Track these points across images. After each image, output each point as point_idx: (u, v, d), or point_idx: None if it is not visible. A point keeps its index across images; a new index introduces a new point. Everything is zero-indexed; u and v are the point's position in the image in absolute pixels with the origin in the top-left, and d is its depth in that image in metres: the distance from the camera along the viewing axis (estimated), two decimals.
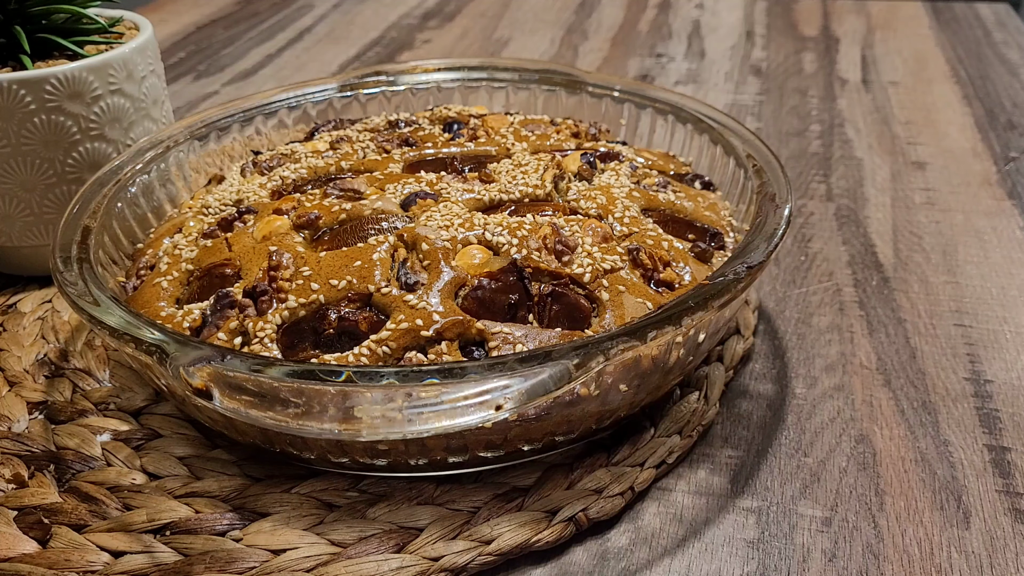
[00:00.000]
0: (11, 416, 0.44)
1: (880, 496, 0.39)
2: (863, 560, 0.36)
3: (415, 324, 0.37)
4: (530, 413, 0.36)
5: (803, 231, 0.60)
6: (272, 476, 0.40)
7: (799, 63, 0.90)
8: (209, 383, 0.33)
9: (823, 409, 0.44)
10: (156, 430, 0.43)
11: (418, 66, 0.61)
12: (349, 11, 1.10)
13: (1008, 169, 0.67)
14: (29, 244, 0.53)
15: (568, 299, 0.39)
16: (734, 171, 0.49)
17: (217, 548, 0.36)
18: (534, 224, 0.42)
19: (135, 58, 0.52)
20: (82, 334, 0.49)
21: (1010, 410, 0.43)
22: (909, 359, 0.47)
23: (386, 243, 0.41)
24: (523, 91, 0.60)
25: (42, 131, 0.50)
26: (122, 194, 0.48)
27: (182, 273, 0.43)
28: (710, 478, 0.40)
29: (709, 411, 0.43)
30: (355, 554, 0.36)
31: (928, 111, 0.78)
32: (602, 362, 0.33)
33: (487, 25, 1.03)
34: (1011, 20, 1.00)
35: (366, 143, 0.52)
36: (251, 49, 0.97)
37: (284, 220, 0.44)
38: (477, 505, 0.38)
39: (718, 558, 0.36)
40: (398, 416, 0.33)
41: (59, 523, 0.38)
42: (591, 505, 0.37)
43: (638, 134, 0.57)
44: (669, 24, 1.03)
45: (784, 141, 0.73)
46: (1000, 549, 0.36)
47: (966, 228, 0.59)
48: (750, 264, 0.38)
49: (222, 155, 0.56)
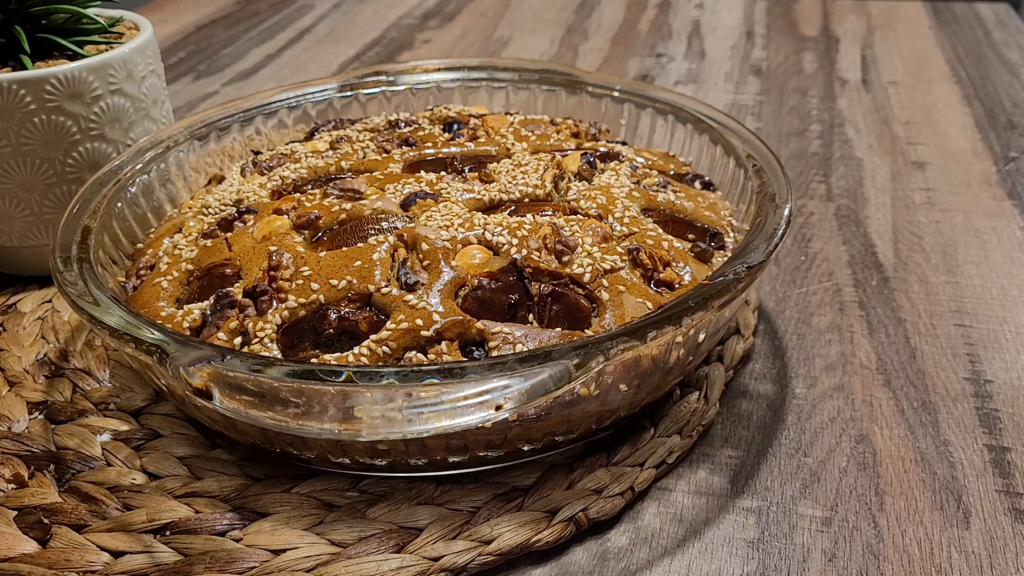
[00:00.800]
0: (11, 416, 0.44)
1: (880, 496, 0.39)
2: (863, 560, 0.36)
3: (415, 324, 0.37)
4: (530, 413, 0.36)
5: (803, 231, 0.60)
6: (272, 476, 0.40)
7: (799, 63, 0.90)
8: (209, 383, 0.33)
9: (823, 409, 0.44)
10: (156, 430, 0.43)
11: (418, 66, 0.61)
12: (349, 11, 1.10)
13: (1008, 169, 0.67)
14: (29, 244, 0.53)
15: (568, 299, 0.39)
16: (734, 171, 0.49)
17: (217, 548, 0.36)
18: (534, 224, 0.42)
19: (135, 58, 0.52)
20: (82, 334, 0.49)
21: (1010, 410, 0.43)
22: (909, 359, 0.47)
23: (386, 243, 0.41)
24: (523, 91, 0.60)
25: (42, 131, 0.50)
26: (122, 194, 0.48)
27: (182, 273, 0.43)
28: (710, 478, 0.40)
29: (709, 411, 0.43)
30: (355, 554, 0.36)
31: (928, 111, 0.78)
32: (602, 362, 0.33)
33: (487, 25, 1.03)
34: (1011, 20, 1.00)
35: (366, 143, 0.52)
36: (251, 49, 0.97)
37: (284, 220, 0.44)
38: (477, 505, 0.38)
39: (718, 558, 0.36)
40: (398, 416, 0.33)
41: (59, 523, 0.38)
42: (591, 505, 0.37)
43: (638, 134, 0.57)
44: (669, 24, 1.03)
45: (784, 141, 0.73)
46: (1000, 549, 0.36)
47: (966, 228, 0.59)
48: (750, 264, 0.38)
49: (222, 155, 0.56)
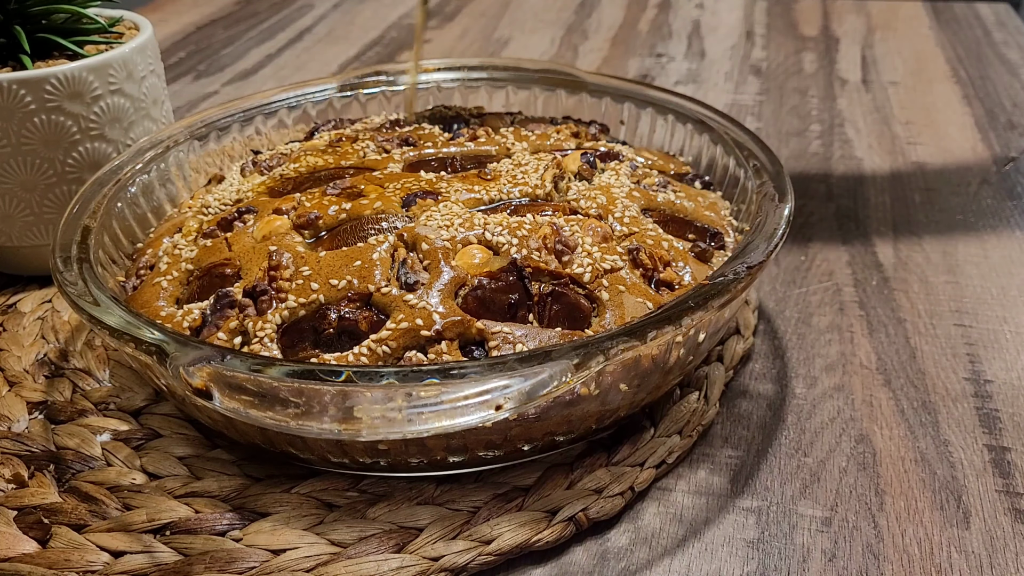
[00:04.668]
0: (11, 416, 0.44)
1: (880, 496, 0.39)
2: (863, 560, 0.36)
3: (415, 324, 0.37)
4: (530, 413, 0.36)
5: (803, 231, 0.60)
6: (272, 476, 0.40)
7: (799, 63, 0.90)
8: (209, 383, 0.33)
9: (823, 409, 0.44)
10: (156, 430, 0.43)
11: (418, 66, 0.61)
12: (349, 11, 1.10)
13: (1008, 169, 0.67)
14: (29, 244, 0.53)
15: (568, 299, 0.39)
16: (734, 171, 0.49)
17: (217, 548, 0.36)
18: (534, 224, 0.42)
19: (135, 58, 0.52)
20: (82, 334, 0.49)
21: (1010, 410, 0.43)
22: (909, 359, 0.47)
23: (386, 243, 0.41)
24: (523, 91, 0.60)
25: (42, 131, 0.50)
26: (122, 194, 0.48)
27: (182, 273, 0.43)
28: (710, 478, 0.40)
29: (709, 411, 0.43)
30: (355, 554, 0.36)
31: (928, 111, 0.78)
32: (602, 362, 0.33)
33: (487, 25, 1.03)
34: (1011, 20, 1.00)
35: (366, 143, 0.52)
36: (251, 49, 0.97)
37: (284, 220, 0.44)
38: (477, 505, 0.38)
39: (718, 558, 0.36)
40: (398, 416, 0.33)
41: (59, 523, 0.38)
42: (591, 505, 0.37)
43: (638, 134, 0.57)
44: (669, 24, 1.03)
45: (784, 141, 0.73)
46: (1000, 549, 0.36)
47: (966, 228, 0.59)
48: (750, 264, 0.38)
49: (222, 155, 0.56)
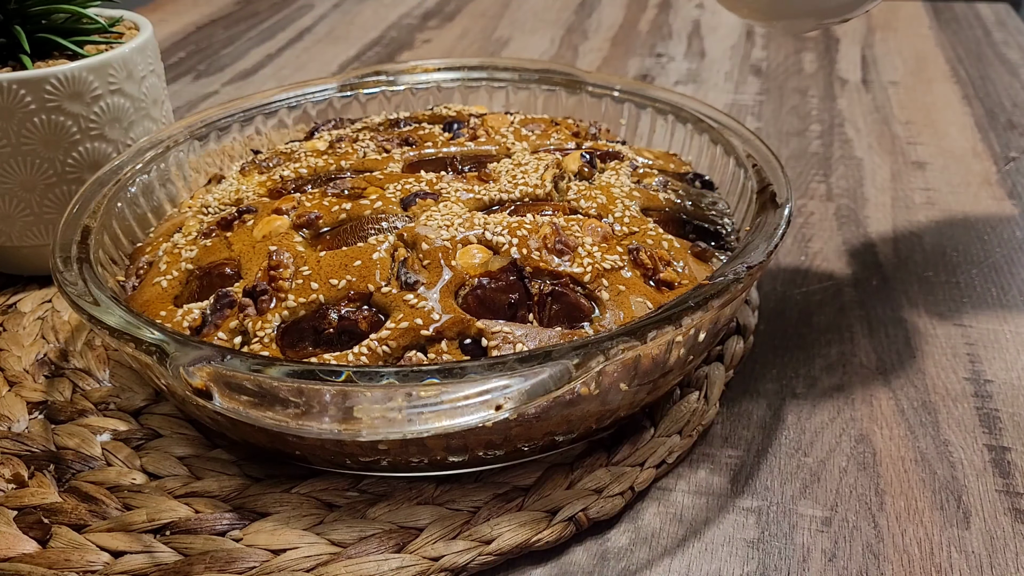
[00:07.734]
0: (11, 416, 0.44)
1: (880, 496, 0.39)
2: (863, 560, 0.36)
3: (415, 323, 0.37)
4: (530, 413, 0.36)
5: (803, 231, 0.60)
6: (272, 476, 0.40)
7: (799, 63, 0.90)
8: (209, 383, 0.33)
9: (823, 409, 0.44)
10: (156, 430, 0.43)
11: (418, 66, 0.61)
12: (349, 11, 1.10)
13: (1008, 169, 0.67)
14: (29, 244, 0.53)
15: (568, 299, 0.39)
16: (734, 171, 0.49)
17: (217, 548, 0.36)
18: (534, 224, 0.42)
19: (135, 58, 0.52)
20: (82, 334, 0.49)
21: (1010, 410, 0.43)
22: (909, 359, 0.47)
23: (386, 243, 0.41)
24: (523, 91, 0.60)
25: (42, 131, 0.50)
26: (122, 194, 0.48)
27: (182, 273, 0.43)
28: (710, 478, 0.40)
29: (709, 411, 0.43)
30: (355, 554, 0.36)
31: (928, 111, 0.78)
32: (602, 362, 0.33)
33: (487, 25, 1.03)
34: (1011, 20, 1.00)
35: (366, 143, 0.52)
36: (251, 49, 0.97)
37: (284, 220, 0.44)
38: (477, 505, 0.38)
39: (718, 558, 0.36)
40: (398, 416, 0.33)
41: (59, 523, 0.38)
42: (591, 505, 0.37)
43: (638, 134, 0.57)
44: (669, 24, 1.03)
45: (784, 141, 0.73)
46: (1000, 549, 0.36)
47: (966, 228, 0.59)
48: (750, 264, 0.38)
49: (222, 155, 0.56)
